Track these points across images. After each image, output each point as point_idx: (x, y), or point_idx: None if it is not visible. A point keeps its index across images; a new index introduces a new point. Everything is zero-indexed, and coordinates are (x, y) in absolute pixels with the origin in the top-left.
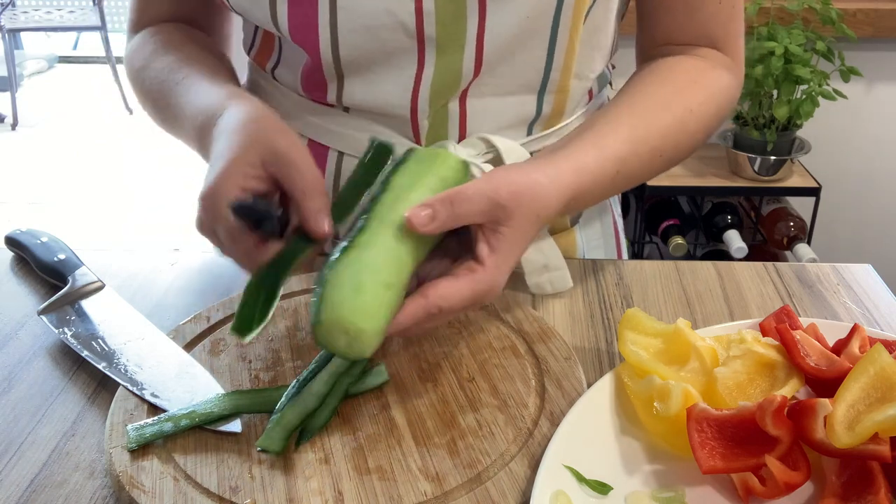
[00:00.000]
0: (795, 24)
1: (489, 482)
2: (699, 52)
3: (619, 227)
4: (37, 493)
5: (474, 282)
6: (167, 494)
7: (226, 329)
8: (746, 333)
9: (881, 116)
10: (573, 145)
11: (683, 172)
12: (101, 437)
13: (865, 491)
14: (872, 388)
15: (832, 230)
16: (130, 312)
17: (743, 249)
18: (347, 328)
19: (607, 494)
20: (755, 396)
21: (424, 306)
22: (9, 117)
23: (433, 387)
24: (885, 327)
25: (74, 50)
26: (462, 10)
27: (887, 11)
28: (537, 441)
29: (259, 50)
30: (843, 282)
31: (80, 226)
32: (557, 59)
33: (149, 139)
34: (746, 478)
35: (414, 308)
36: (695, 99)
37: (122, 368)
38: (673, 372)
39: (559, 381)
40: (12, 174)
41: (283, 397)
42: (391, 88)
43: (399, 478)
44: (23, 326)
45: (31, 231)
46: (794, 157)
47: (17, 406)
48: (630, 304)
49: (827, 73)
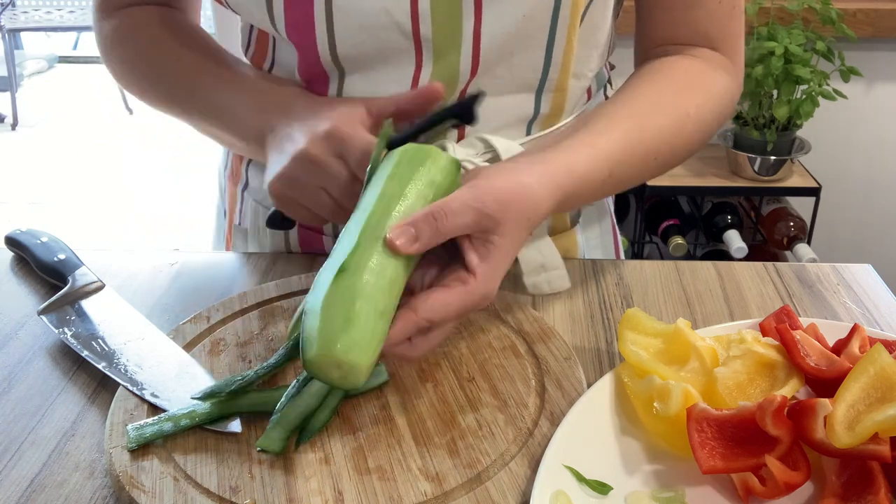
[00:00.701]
0: (795, 24)
1: (489, 482)
2: (698, 53)
3: (615, 227)
4: (37, 493)
5: (465, 293)
6: (167, 494)
7: (226, 329)
8: (746, 333)
9: (881, 116)
10: (566, 144)
11: (683, 172)
12: (101, 437)
13: (865, 491)
14: (872, 388)
15: (832, 230)
16: (130, 312)
17: (743, 249)
18: (340, 364)
19: (607, 494)
20: (755, 396)
21: (414, 321)
22: (9, 117)
23: (433, 387)
24: (885, 327)
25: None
26: (457, 10)
27: (887, 11)
28: (537, 441)
29: (255, 52)
30: (843, 282)
31: (80, 226)
32: (555, 59)
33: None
34: (746, 478)
35: (403, 324)
36: (692, 101)
37: (122, 368)
38: (673, 372)
39: (559, 381)
40: (12, 174)
41: (283, 397)
42: (391, 87)
43: (399, 478)
44: (23, 326)
45: (31, 231)
46: (794, 157)
47: (17, 406)
48: (630, 304)
49: (827, 73)
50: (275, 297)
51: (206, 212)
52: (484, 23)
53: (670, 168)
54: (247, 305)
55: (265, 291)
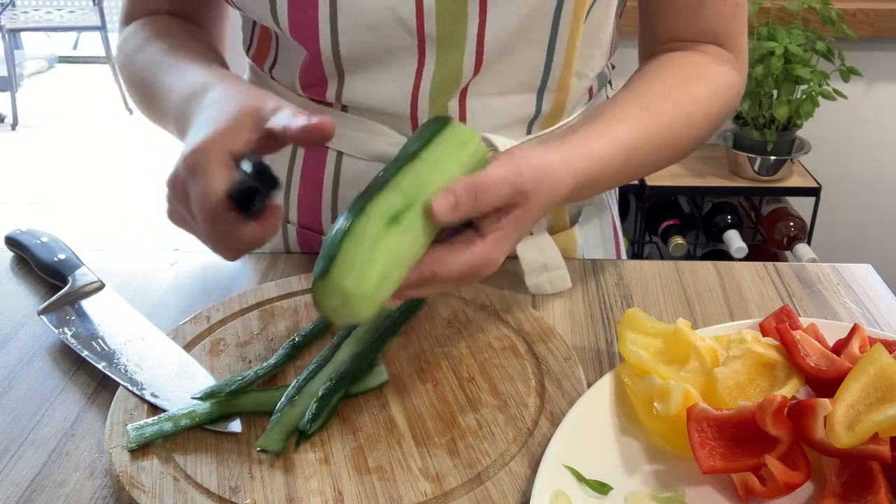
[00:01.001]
0: (795, 24)
1: (489, 482)
2: (703, 48)
3: (617, 226)
4: (37, 493)
5: (472, 254)
6: (167, 494)
7: (226, 329)
8: (746, 333)
9: (881, 116)
10: (584, 132)
11: (683, 172)
12: (101, 437)
13: (865, 491)
14: (872, 388)
15: (832, 230)
16: (130, 312)
17: (743, 249)
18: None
19: (607, 494)
20: (755, 396)
21: (418, 271)
22: (9, 117)
23: (433, 387)
24: (885, 327)
25: (74, 50)
26: (463, 8)
27: (887, 11)
28: (537, 441)
29: (257, 49)
30: (843, 282)
31: (80, 226)
32: (557, 58)
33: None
34: (746, 478)
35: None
36: (701, 92)
37: (122, 368)
38: (673, 372)
39: (559, 381)
40: (12, 174)
41: (283, 397)
42: (391, 87)
43: (399, 478)
44: (23, 326)
45: (31, 231)
46: (794, 157)
47: (17, 406)
48: (630, 304)
49: (827, 73)
50: (275, 297)
51: None
52: (488, 21)
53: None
54: (247, 305)
55: (265, 291)
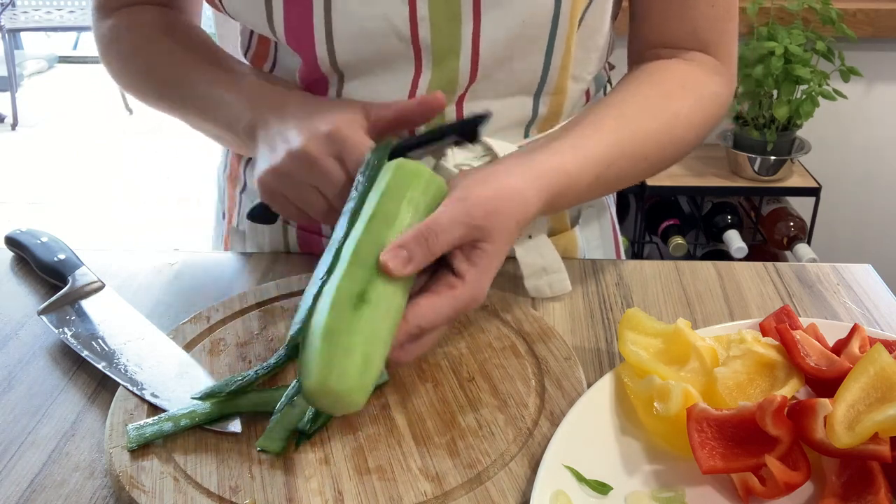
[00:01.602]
0: (795, 24)
1: (489, 482)
2: (690, 56)
3: (616, 227)
4: (37, 493)
5: (454, 298)
6: (167, 494)
7: (226, 329)
8: (746, 333)
9: (881, 116)
10: (555, 145)
11: (683, 172)
12: (101, 437)
13: (865, 491)
14: (872, 388)
15: (832, 230)
16: (130, 312)
17: (743, 249)
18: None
19: (607, 494)
20: (755, 396)
21: (406, 329)
22: (9, 117)
23: (433, 387)
24: (885, 327)
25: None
26: (457, 16)
27: (887, 11)
28: (537, 441)
29: (255, 53)
30: (843, 282)
31: (80, 226)
32: (554, 63)
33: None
34: (746, 478)
35: (395, 332)
36: (683, 104)
37: (122, 368)
38: (673, 372)
39: (559, 381)
40: (12, 174)
41: (283, 397)
42: (390, 94)
43: (399, 478)
44: (23, 326)
45: (31, 231)
46: (794, 157)
47: (17, 406)
48: (630, 304)
49: (827, 73)
50: (275, 297)
51: (205, 212)
52: (483, 28)
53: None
54: (247, 305)
55: (265, 291)
